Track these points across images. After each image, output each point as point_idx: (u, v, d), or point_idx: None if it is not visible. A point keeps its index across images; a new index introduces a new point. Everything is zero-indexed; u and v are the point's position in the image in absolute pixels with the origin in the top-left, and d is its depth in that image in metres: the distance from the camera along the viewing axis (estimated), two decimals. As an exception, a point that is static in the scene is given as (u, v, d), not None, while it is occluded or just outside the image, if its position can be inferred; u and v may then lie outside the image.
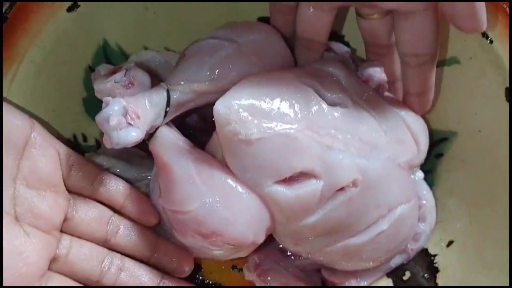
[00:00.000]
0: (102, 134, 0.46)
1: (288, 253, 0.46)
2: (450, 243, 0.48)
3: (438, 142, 0.49)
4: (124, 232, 0.41)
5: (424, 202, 0.47)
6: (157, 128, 0.40)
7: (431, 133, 0.48)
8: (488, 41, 0.43)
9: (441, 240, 0.48)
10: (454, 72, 0.46)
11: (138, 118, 0.37)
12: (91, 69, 0.48)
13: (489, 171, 0.46)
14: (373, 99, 0.43)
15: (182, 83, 0.40)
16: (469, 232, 0.47)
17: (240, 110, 0.37)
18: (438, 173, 0.50)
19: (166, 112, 0.39)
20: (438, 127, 0.49)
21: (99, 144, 0.50)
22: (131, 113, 0.37)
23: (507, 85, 0.43)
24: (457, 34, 0.44)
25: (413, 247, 0.47)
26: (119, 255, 0.41)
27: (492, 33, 0.43)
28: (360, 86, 0.43)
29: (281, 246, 0.46)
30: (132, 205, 0.42)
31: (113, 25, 0.48)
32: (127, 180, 0.43)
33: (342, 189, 0.39)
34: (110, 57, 0.49)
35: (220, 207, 0.38)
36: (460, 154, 0.48)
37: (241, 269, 0.48)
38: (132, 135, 0.37)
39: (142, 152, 0.47)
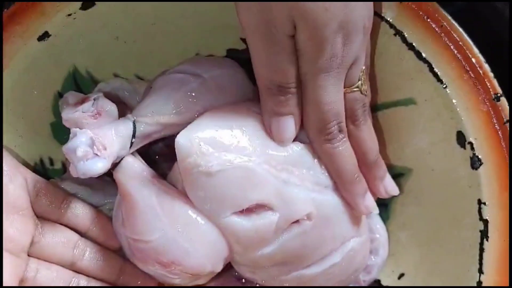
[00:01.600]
0: (69, 162, 0.48)
1: (243, 280, 0.48)
2: (401, 275, 0.51)
3: (394, 177, 0.51)
4: (90, 255, 0.44)
5: (377, 235, 0.50)
6: (122, 158, 0.42)
7: (389, 167, 0.50)
8: (443, 86, 0.46)
9: (393, 272, 0.51)
10: (412, 112, 0.49)
11: (105, 149, 0.40)
12: (60, 95, 0.50)
13: (439, 209, 0.49)
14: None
15: (148, 115, 0.42)
16: (419, 266, 0.50)
17: (201, 143, 0.40)
18: (393, 207, 0.53)
19: (132, 143, 0.42)
20: (396, 163, 0.51)
21: (65, 168, 0.52)
22: (98, 144, 0.39)
23: (459, 129, 0.46)
24: (414, 76, 0.47)
25: (366, 279, 0.49)
26: (85, 277, 0.44)
27: (446, 78, 0.46)
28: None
29: (236, 273, 0.48)
30: (98, 229, 0.45)
31: (83, 53, 0.50)
32: (91, 205, 0.46)
33: (297, 221, 0.42)
34: (79, 84, 0.51)
35: (180, 238, 0.41)
36: (414, 190, 0.51)
37: (200, 295, 0.51)
38: (98, 166, 0.39)
39: (106, 178, 0.49)
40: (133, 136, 0.42)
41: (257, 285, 0.48)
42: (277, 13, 0.37)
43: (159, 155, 0.50)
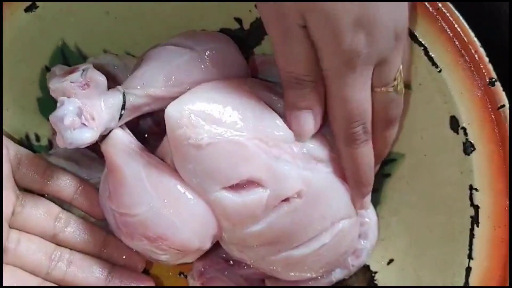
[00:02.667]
0: (55, 133, 0.48)
1: (232, 262, 0.49)
2: (390, 261, 0.51)
3: (387, 162, 0.52)
4: (72, 227, 0.45)
5: (366, 219, 0.50)
6: (110, 130, 0.43)
7: (381, 153, 0.51)
8: (438, 70, 0.47)
9: (382, 258, 0.51)
10: (405, 96, 0.48)
11: (93, 119, 0.40)
12: (47, 69, 0.51)
13: (430, 194, 0.49)
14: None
15: (138, 87, 0.43)
16: (408, 252, 0.50)
17: (192, 115, 0.40)
18: (384, 192, 0.53)
19: (121, 115, 0.42)
20: None
21: (51, 144, 0.52)
22: (85, 114, 0.40)
23: (453, 113, 0.46)
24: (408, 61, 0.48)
25: (354, 263, 0.50)
26: (68, 249, 0.44)
27: (441, 62, 0.47)
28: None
29: (225, 255, 0.49)
30: (83, 197, 0.45)
31: (72, 27, 0.50)
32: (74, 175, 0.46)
33: (287, 199, 0.42)
34: (68, 59, 0.52)
35: (168, 212, 0.41)
36: (406, 175, 0.52)
37: (187, 276, 0.51)
38: (86, 136, 0.40)
39: (92, 154, 0.50)
40: (123, 108, 0.42)
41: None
42: (286, 4, 0.38)
43: (149, 133, 0.50)
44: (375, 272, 0.51)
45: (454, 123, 0.47)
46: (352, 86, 0.41)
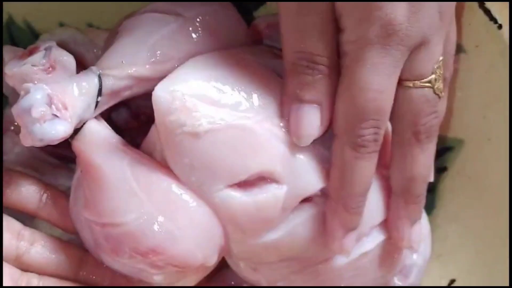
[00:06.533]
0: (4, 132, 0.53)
1: None
2: (451, 282, 0.55)
3: (441, 152, 0.55)
4: (39, 246, 0.49)
5: None
6: (84, 123, 0.47)
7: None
8: (497, 26, 0.50)
9: (440, 278, 0.55)
10: (459, 63, 0.53)
11: (66, 108, 0.44)
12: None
13: (499, 193, 0.53)
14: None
15: (116, 67, 0.47)
16: (474, 269, 0.54)
17: (185, 96, 0.44)
18: (439, 192, 0.57)
19: (97, 102, 0.46)
20: (441, 133, 0.52)
21: None
22: (57, 103, 0.43)
23: None
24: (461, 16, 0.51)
25: (402, 284, 0.53)
26: (36, 275, 0.48)
27: (501, 16, 0.50)
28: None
29: (233, 282, 0.53)
30: (50, 205, 0.50)
31: None
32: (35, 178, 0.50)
33: (309, 199, 0.46)
34: (15, 37, 0.56)
35: (163, 219, 0.45)
36: (466, 168, 0.55)
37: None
38: (59, 129, 0.43)
39: (53, 160, 0.54)
40: (99, 93, 0.46)
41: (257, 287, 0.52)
42: None
43: (124, 129, 0.54)
44: (433, 299, 0.54)
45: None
46: (375, 69, 0.43)
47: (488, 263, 0.54)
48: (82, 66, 0.49)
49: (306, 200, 0.47)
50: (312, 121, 0.45)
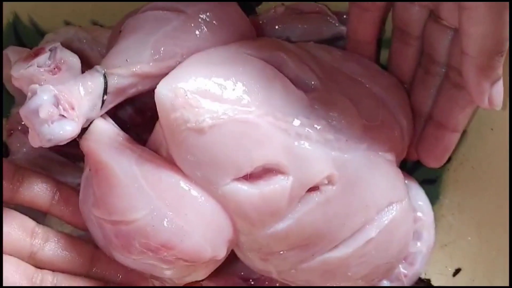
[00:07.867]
0: (11, 134, 0.55)
1: (252, 281, 0.54)
2: (457, 271, 0.56)
3: None
4: (52, 244, 0.50)
5: (419, 214, 0.55)
6: (91, 122, 0.48)
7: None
8: None
9: (446, 268, 0.56)
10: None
11: (72, 108, 0.45)
12: (-2, 52, 0.55)
13: (503, 181, 0.53)
14: (344, 77, 0.51)
15: (121, 65, 0.48)
16: (480, 258, 0.55)
17: (188, 93, 0.45)
18: (444, 182, 0.58)
19: (103, 101, 0.48)
20: None
21: (7, 150, 0.58)
22: (63, 103, 0.45)
23: None
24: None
25: (407, 272, 0.54)
26: (50, 271, 0.50)
27: None
28: (332, 59, 0.51)
29: (242, 273, 0.54)
30: (62, 202, 0.51)
31: None
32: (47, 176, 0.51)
33: (316, 188, 0.47)
34: (22, 36, 0.57)
35: (172, 215, 0.46)
36: (470, 159, 0.56)
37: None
38: (67, 129, 0.45)
39: (61, 158, 0.55)
40: (105, 92, 0.48)
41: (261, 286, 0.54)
42: None
43: (130, 125, 0.55)
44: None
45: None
46: None
47: (492, 251, 0.55)
48: (86, 64, 0.50)
49: (313, 189, 0.48)
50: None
